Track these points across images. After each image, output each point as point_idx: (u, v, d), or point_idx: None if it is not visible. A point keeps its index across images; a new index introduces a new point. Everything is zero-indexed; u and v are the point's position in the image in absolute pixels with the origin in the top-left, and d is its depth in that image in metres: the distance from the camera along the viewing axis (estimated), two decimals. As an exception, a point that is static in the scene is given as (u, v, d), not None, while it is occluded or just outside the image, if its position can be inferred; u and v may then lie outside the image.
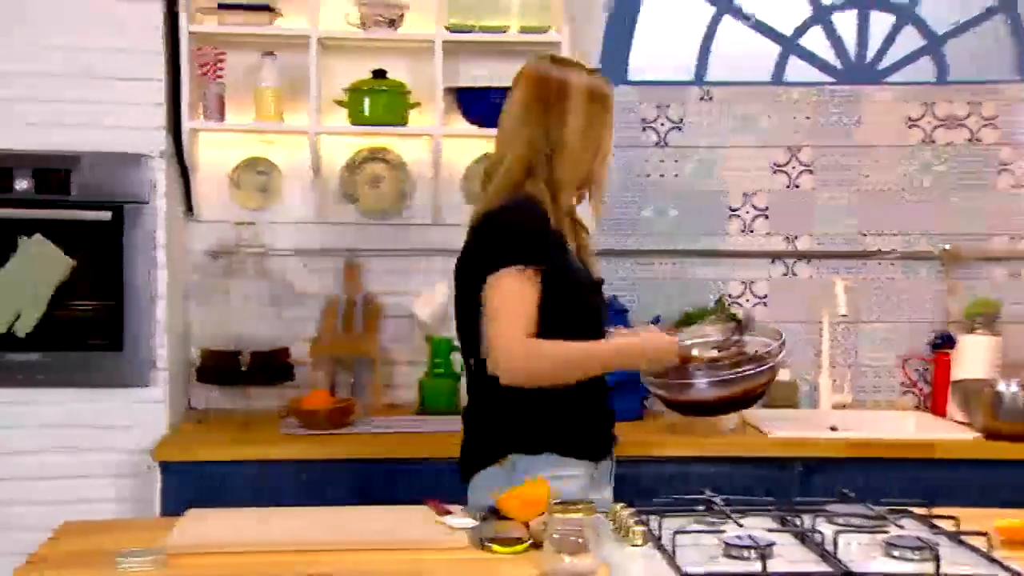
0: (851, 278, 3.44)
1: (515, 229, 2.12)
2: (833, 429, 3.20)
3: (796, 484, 2.89)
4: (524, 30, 3.27)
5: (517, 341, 2.06)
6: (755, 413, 3.20)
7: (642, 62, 3.50)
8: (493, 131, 3.24)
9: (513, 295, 2.07)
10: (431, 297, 3.37)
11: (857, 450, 2.96)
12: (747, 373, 2.26)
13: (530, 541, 1.88)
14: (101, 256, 3.00)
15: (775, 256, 3.51)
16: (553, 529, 1.74)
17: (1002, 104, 3.47)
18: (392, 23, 3.22)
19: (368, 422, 3.11)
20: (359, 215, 3.44)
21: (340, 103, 3.27)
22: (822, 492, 2.36)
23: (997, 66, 3.51)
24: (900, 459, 2.95)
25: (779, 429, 3.04)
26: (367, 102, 3.23)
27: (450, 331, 3.35)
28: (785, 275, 3.51)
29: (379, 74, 3.27)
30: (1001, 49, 3.51)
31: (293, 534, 1.92)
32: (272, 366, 3.19)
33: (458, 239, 3.37)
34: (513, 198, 2.16)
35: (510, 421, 2.15)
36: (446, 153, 3.34)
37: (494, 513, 2.02)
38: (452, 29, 3.23)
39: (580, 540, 1.72)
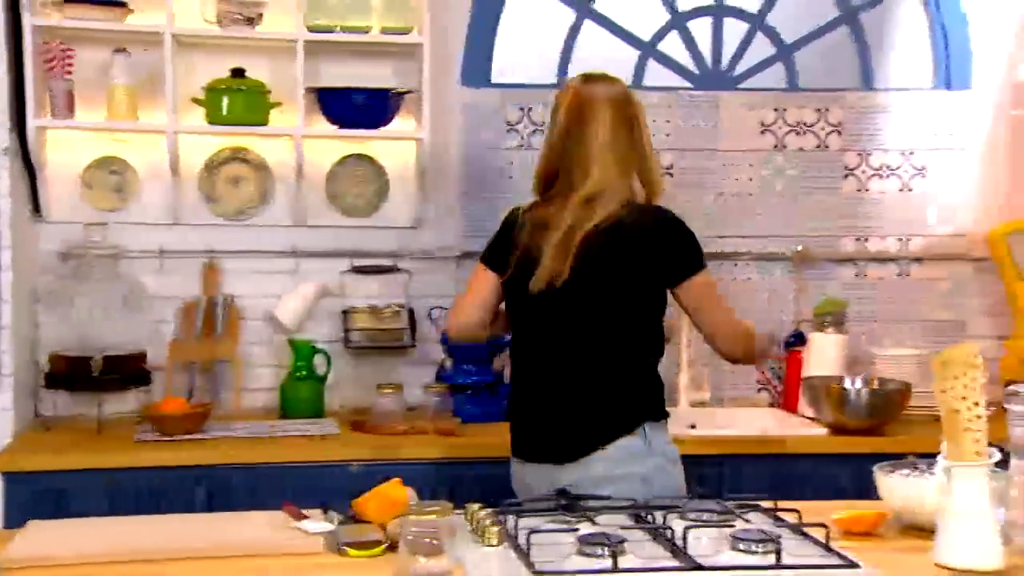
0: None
1: (692, 236, 2.43)
2: (692, 427, 3.28)
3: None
4: (386, 31, 3.26)
5: (744, 325, 2.49)
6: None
7: (504, 64, 3.52)
8: (355, 132, 3.30)
9: (717, 291, 2.47)
10: (293, 300, 3.33)
11: (713, 447, 3.03)
12: None
13: (387, 544, 1.88)
14: (-60, 258, 2.87)
15: (636, 258, 3.57)
16: (407, 531, 1.73)
17: (847, 111, 3.61)
18: (251, 21, 3.17)
19: (226, 427, 3.05)
20: (219, 216, 3.37)
21: (198, 102, 3.21)
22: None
23: (843, 75, 3.65)
24: (754, 455, 3.04)
25: (638, 427, 3.09)
26: (225, 101, 3.17)
27: (310, 333, 3.34)
28: (646, 276, 3.58)
29: (237, 73, 3.21)
30: (846, 59, 3.65)
31: (139, 544, 1.86)
32: (126, 371, 3.10)
33: (321, 241, 3.41)
34: (661, 208, 2.44)
35: (641, 393, 2.39)
36: (308, 154, 3.30)
37: (351, 517, 2.01)
38: (313, 29, 3.20)
39: (435, 541, 1.72)
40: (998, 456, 1.84)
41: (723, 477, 2.96)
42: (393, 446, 2.97)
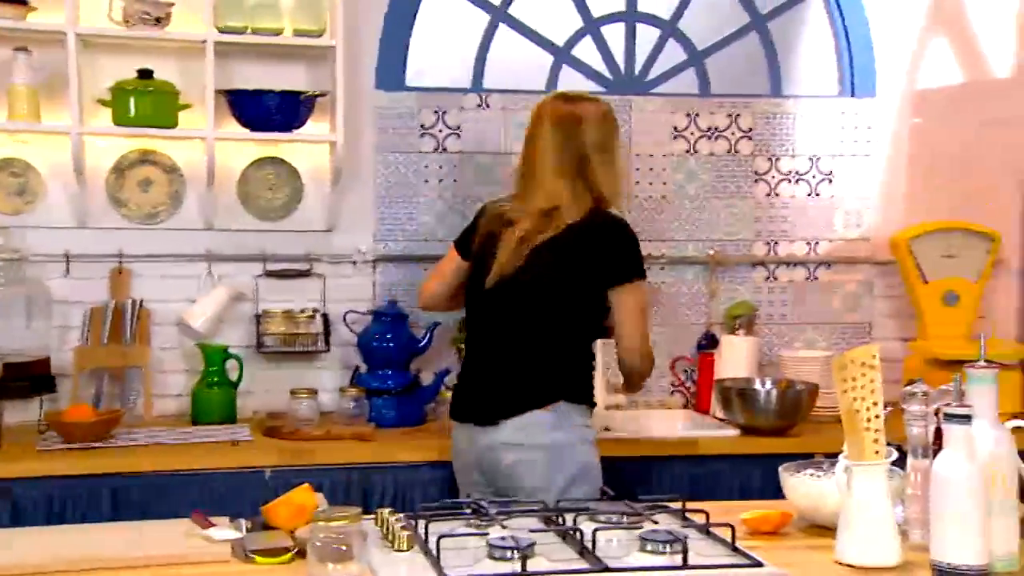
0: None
1: (635, 243, 2.61)
2: (607, 430, 3.30)
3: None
4: (298, 33, 3.24)
5: (650, 344, 2.68)
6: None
7: (419, 68, 3.51)
8: (267, 134, 3.26)
9: (646, 303, 2.66)
10: (205, 304, 3.28)
11: (628, 448, 3.06)
12: None
13: (295, 550, 1.86)
14: None
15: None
16: (316, 537, 1.72)
17: (758, 117, 3.67)
18: (159, 21, 3.12)
19: (136, 434, 2.99)
20: (127, 219, 3.31)
21: (104, 103, 3.14)
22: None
23: (753, 81, 3.71)
24: (667, 456, 3.07)
25: (553, 430, 3.10)
26: (132, 102, 3.12)
27: (222, 338, 3.29)
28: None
29: (145, 74, 3.15)
30: (756, 65, 3.72)
31: (40, 556, 1.82)
32: (30, 377, 3.03)
33: (233, 245, 3.36)
34: (611, 214, 2.63)
35: (563, 376, 2.59)
36: (220, 157, 3.25)
37: (261, 524, 1.99)
38: (223, 30, 3.16)
39: (344, 548, 1.71)
40: (896, 455, 1.89)
41: (637, 479, 2.99)
42: (307, 451, 2.94)
